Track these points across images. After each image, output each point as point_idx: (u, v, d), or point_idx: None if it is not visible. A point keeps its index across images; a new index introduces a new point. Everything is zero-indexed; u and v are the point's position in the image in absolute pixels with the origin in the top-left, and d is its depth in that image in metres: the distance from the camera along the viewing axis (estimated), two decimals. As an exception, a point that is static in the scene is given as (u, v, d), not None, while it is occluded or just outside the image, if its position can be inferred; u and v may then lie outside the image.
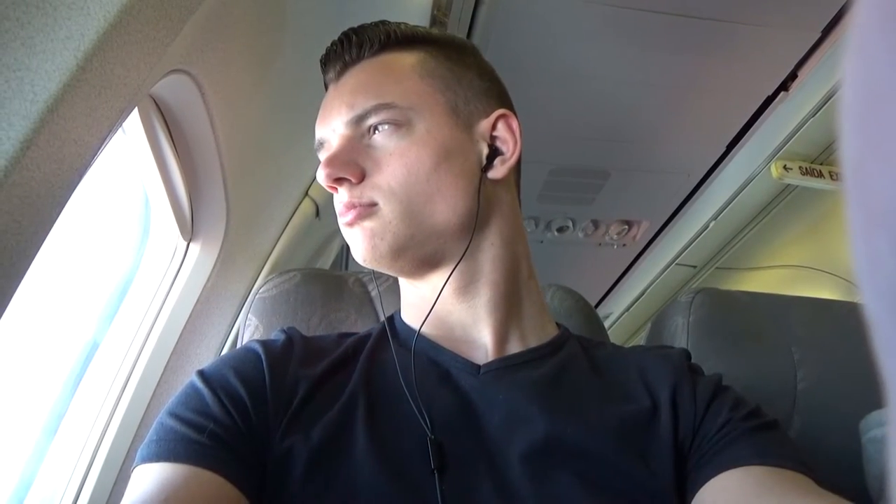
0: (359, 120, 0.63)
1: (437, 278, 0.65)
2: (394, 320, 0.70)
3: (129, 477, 0.52)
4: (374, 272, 0.80)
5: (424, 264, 0.64)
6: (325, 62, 0.68)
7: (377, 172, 0.61)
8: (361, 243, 0.62)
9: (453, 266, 0.64)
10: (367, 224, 0.62)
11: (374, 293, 0.90)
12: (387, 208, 0.61)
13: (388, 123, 0.62)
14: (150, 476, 0.49)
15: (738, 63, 1.73)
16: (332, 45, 0.68)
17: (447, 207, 0.62)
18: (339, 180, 0.62)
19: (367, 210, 0.61)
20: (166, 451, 0.51)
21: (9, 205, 0.49)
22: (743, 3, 1.53)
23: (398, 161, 0.61)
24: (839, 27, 1.62)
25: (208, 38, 0.73)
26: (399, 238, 0.61)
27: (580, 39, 1.64)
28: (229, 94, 0.87)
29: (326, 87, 0.69)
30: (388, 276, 0.87)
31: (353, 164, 0.61)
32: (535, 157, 2.02)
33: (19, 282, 0.54)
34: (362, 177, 0.62)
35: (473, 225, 0.63)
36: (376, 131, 0.62)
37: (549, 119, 1.90)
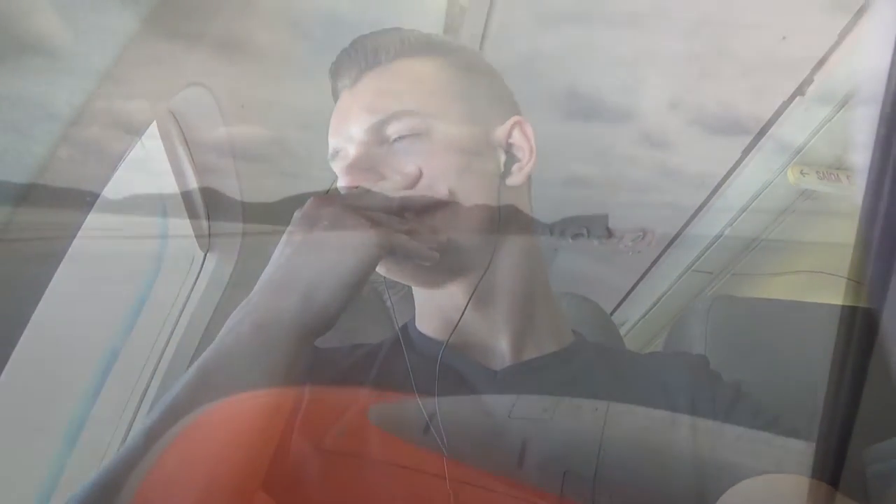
0: (379, 126, 0.61)
1: (454, 287, 0.64)
2: (408, 329, 0.70)
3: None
4: (388, 281, 0.80)
5: (443, 273, 0.64)
6: (338, 68, 0.66)
7: None
8: None
9: (471, 275, 0.63)
10: None
11: (388, 303, 0.90)
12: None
13: (408, 130, 0.60)
14: None
15: (753, 66, 1.71)
16: (344, 51, 0.65)
17: (468, 215, 0.61)
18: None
19: None
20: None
21: (33, 216, 0.50)
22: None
23: (418, 169, 0.60)
24: (856, 31, 1.60)
25: (225, 51, 0.74)
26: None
27: (592, 46, 1.64)
28: (246, 106, 0.88)
29: (338, 95, 0.67)
30: (403, 286, 0.87)
31: (374, 172, 0.60)
32: (549, 164, 2.01)
33: (43, 291, 0.55)
34: None
35: (495, 233, 0.63)
36: (396, 138, 0.61)
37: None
